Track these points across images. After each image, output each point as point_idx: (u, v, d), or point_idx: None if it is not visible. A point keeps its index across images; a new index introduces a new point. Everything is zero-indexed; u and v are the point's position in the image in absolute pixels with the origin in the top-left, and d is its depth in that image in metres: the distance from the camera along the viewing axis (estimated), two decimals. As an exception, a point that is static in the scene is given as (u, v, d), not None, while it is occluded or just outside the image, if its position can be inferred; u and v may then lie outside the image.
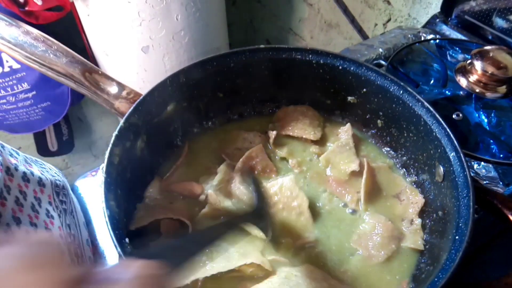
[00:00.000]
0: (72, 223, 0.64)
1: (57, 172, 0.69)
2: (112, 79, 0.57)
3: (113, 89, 0.56)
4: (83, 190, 0.73)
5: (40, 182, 0.59)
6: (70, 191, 0.70)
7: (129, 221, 0.50)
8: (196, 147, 0.65)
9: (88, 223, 0.71)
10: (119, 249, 0.40)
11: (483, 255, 0.62)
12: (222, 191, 0.59)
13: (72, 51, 0.56)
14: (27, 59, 0.55)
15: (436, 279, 0.40)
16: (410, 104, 0.56)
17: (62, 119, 1.39)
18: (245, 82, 0.66)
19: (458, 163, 0.48)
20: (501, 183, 0.72)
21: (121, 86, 0.56)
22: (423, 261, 0.52)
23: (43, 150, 1.53)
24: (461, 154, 0.48)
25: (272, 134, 0.65)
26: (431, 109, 0.53)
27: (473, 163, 0.73)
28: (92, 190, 0.73)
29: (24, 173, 0.56)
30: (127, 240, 0.42)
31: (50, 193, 0.60)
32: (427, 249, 0.52)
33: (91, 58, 1.27)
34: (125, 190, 0.50)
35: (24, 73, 1.17)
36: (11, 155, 0.56)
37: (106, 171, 0.46)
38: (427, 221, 0.55)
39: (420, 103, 0.55)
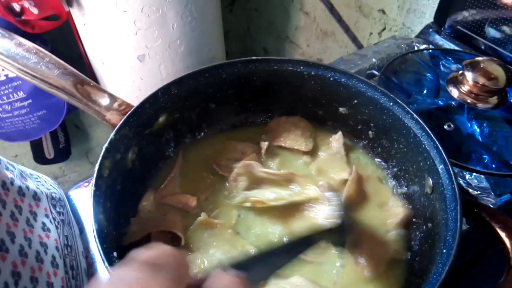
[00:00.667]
0: (70, 234, 0.64)
1: (53, 184, 0.69)
2: (103, 91, 0.57)
3: (104, 100, 0.56)
4: (76, 200, 0.73)
5: (35, 196, 0.58)
6: (67, 202, 0.70)
7: (118, 233, 0.50)
8: (189, 158, 0.65)
9: (81, 232, 0.71)
10: (106, 264, 0.40)
11: (475, 266, 0.62)
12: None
13: (64, 63, 0.57)
14: (19, 71, 0.56)
15: (423, 294, 0.40)
16: (400, 116, 0.56)
17: (59, 126, 1.39)
18: (238, 93, 0.66)
19: (447, 176, 0.48)
20: (492, 193, 0.72)
21: (112, 97, 0.57)
22: (413, 273, 0.52)
23: (39, 157, 1.54)
24: (450, 167, 0.48)
25: (264, 144, 0.65)
26: (420, 121, 0.54)
27: (464, 173, 0.73)
28: (85, 200, 0.73)
29: (20, 187, 0.56)
30: (115, 254, 0.42)
31: (46, 206, 0.60)
32: (417, 261, 0.52)
33: (87, 66, 1.27)
34: (115, 203, 0.50)
35: (20, 82, 1.18)
36: (7, 168, 0.56)
37: (95, 184, 0.46)
38: (417, 232, 0.55)
39: (409, 115, 0.55)
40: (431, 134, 0.52)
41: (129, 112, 0.54)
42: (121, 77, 1.22)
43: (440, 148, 0.50)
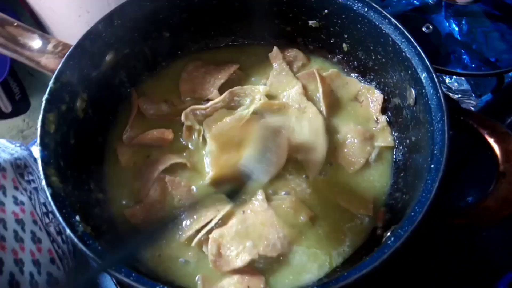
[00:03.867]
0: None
1: (14, 149, 0.61)
2: (32, 31, 0.48)
3: (35, 43, 0.48)
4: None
5: (0, 167, 0.51)
6: (35, 165, 0.62)
7: (82, 190, 0.46)
8: (149, 94, 0.59)
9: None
10: (68, 231, 0.36)
11: (458, 175, 0.61)
12: None
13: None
14: None
15: (412, 213, 0.38)
16: (377, 23, 0.50)
17: (10, 76, 1.27)
18: (193, 17, 0.58)
19: (430, 84, 0.44)
20: (473, 95, 0.70)
21: (44, 38, 0.48)
22: (398, 189, 0.50)
23: (-4, 113, 1.43)
24: (433, 74, 0.44)
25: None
26: (399, 26, 0.48)
27: (445, 77, 0.70)
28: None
29: None
30: (77, 217, 0.38)
31: (13, 176, 0.53)
32: (402, 177, 0.51)
33: (23, 4, 1.12)
34: (70, 160, 0.44)
35: None
36: None
37: (41, 143, 0.41)
38: (400, 147, 0.53)
39: (387, 20, 0.49)
40: (412, 40, 0.47)
41: (67, 54, 0.46)
42: (64, 12, 1.08)
43: (423, 54, 0.45)
